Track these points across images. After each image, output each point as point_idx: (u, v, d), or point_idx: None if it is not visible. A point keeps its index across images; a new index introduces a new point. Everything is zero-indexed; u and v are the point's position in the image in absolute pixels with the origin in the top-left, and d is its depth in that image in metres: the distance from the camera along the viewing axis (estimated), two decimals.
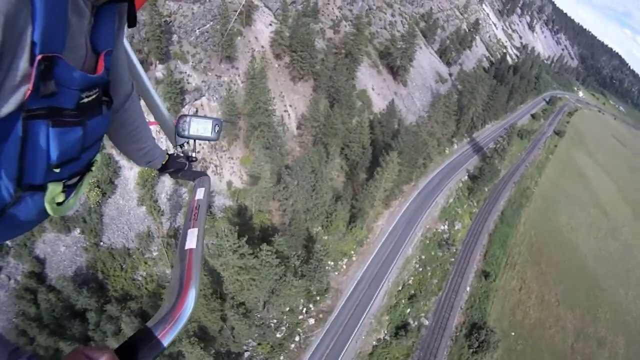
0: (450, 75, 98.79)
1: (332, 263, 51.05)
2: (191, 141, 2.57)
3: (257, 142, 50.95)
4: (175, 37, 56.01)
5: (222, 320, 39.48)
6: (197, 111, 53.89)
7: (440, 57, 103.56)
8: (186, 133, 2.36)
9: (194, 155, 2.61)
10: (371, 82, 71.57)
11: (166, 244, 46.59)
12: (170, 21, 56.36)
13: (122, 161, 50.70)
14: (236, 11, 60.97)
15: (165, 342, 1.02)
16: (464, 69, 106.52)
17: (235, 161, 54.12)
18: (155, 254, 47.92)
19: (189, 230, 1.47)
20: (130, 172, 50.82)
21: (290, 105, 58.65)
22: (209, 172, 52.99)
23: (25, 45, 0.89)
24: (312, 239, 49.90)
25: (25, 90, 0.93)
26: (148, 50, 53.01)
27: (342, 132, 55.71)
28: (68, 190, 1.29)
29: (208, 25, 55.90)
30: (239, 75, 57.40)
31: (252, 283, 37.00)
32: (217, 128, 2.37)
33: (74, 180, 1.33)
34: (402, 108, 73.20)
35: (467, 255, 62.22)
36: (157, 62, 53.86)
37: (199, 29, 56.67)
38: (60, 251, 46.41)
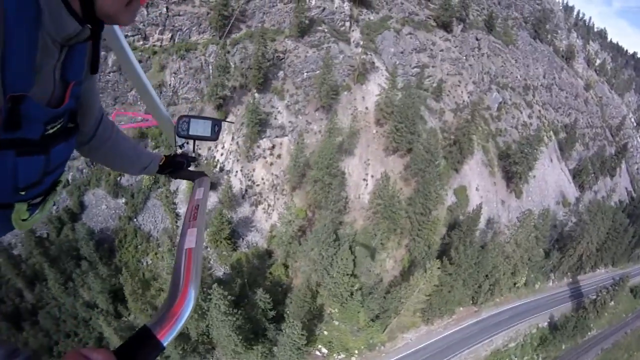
0: (578, 200, 78.80)
1: (326, 351, 41.88)
2: (191, 141, 2.41)
3: (312, 197, 42.63)
4: (281, 74, 51.39)
5: None
6: (273, 147, 47.89)
7: (574, 177, 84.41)
8: (186, 133, 2.23)
9: (193, 155, 2.46)
10: (477, 181, 58.33)
11: (166, 247, 41.99)
12: (283, 58, 51.99)
13: None
14: (352, 66, 54.65)
15: (165, 342, 0.97)
16: (597, 197, 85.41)
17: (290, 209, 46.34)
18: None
19: (189, 230, 1.39)
20: None
21: (372, 176, 49.03)
22: (259, 209, 45.97)
23: None
24: (321, 317, 41.76)
25: None
26: (251, 77, 48.85)
27: (414, 223, 44.12)
28: (32, 208, 1.35)
29: (317, 72, 50.01)
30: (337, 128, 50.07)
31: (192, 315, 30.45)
32: (216, 128, 2.28)
33: (38, 200, 1.37)
34: (503, 221, 57.97)
35: None
36: (255, 90, 49.33)
37: (307, 72, 51.37)
38: (101, 208, 46.91)
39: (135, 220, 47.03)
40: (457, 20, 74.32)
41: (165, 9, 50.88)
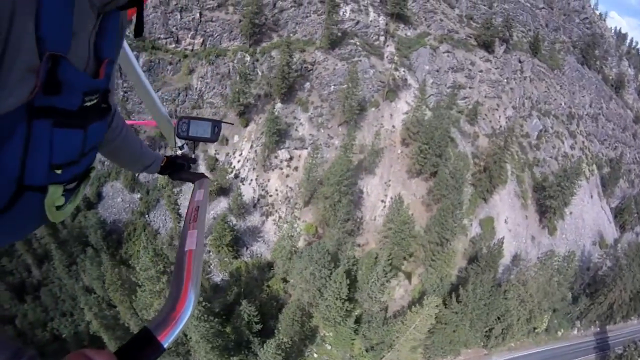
0: (616, 242, 70.94)
1: None
2: (191, 143, 2.42)
3: (322, 213, 39.80)
4: (307, 85, 49.10)
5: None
6: (291, 159, 45.49)
7: (615, 216, 76.52)
8: (185, 134, 2.17)
9: (193, 156, 2.41)
10: (507, 213, 53.21)
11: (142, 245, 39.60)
12: (311, 69, 49.66)
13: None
14: (382, 82, 51.49)
15: (166, 344, 0.94)
16: (639, 240, 76.88)
17: (300, 224, 43.62)
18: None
19: (189, 232, 1.34)
20: None
21: (391, 198, 45.42)
22: (269, 220, 43.71)
23: (31, 40, 0.82)
24: (313, 338, 38.89)
25: (31, 86, 0.86)
26: (275, 86, 46.80)
27: (427, 252, 40.07)
28: (67, 194, 1.18)
29: (345, 85, 47.18)
30: (352, 145, 46.93)
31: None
32: (216, 129, 2.21)
33: (72, 185, 1.22)
34: (531, 258, 52.32)
35: None
36: (279, 100, 47.20)
37: (334, 85, 48.83)
38: (117, 201, 46.93)
39: (146, 216, 46.57)
40: (499, 41, 69.47)
41: (198, 15, 50.00)
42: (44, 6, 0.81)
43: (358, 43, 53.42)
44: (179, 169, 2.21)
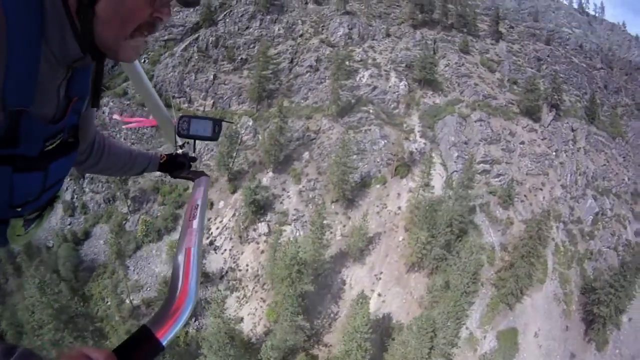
0: None
1: None
2: (191, 141, 2.21)
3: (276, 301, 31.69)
4: (306, 155, 42.33)
5: None
6: (270, 233, 38.67)
7: None
8: (186, 133, 2.01)
9: (194, 154, 2.23)
10: (540, 322, 39.51)
11: None
12: (314, 138, 43.11)
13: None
14: (395, 155, 43.04)
15: (164, 342, 0.88)
16: None
17: (262, 306, 35.61)
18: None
19: (188, 230, 1.28)
20: None
21: (379, 294, 35.70)
22: (233, 296, 37.52)
23: None
24: None
25: None
26: (264, 153, 41.06)
27: None
28: (28, 223, 1.18)
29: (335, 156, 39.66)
30: (344, 225, 38.69)
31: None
32: (217, 128, 2.04)
33: (34, 215, 1.21)
34: None
35: None
36: (271, 168, 41.14)
37: (335, 157, 41.22)
38: (100, 242, 43.99)
39: (115, 262, 42.02)
40: (548, 107, 57.08)
41: (212, 77, 47.06)
42: (11, 62, 0.77)
43: (371, 110, 46.01)
44: (179, 167, 2.07)
